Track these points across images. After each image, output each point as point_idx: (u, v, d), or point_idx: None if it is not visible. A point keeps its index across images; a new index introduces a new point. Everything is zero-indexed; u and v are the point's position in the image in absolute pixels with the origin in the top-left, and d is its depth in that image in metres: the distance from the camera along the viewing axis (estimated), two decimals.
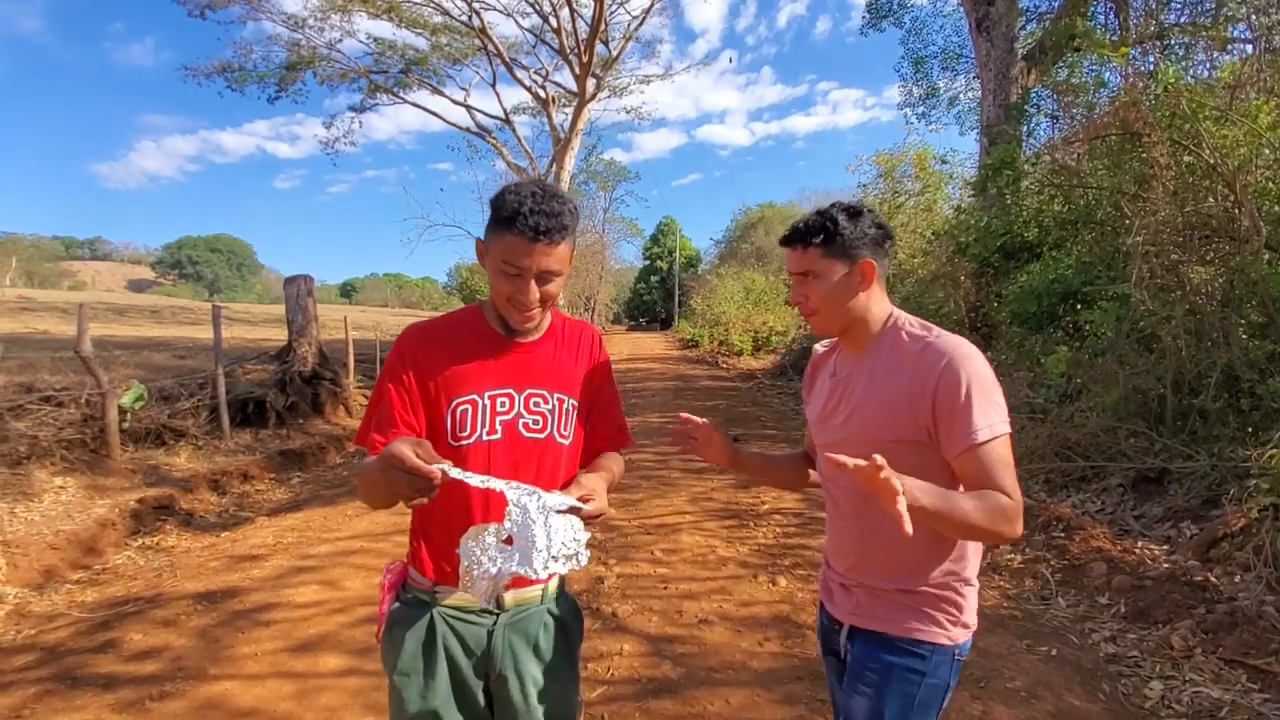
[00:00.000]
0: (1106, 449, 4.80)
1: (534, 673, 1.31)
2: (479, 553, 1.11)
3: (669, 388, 12.71)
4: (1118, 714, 2.48)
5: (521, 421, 1.29)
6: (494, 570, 1.10)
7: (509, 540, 1.10)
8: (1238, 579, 3.24)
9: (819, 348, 1.54)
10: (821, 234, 1.26)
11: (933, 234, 10.95)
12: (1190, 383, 4.62)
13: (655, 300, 53.14)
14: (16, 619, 3.42)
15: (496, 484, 1.10)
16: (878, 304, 1.31)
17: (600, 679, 2.75)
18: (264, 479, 6.33)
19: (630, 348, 25.44)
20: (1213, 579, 3.29)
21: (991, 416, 1.15)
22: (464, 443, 1.26)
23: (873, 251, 1.27)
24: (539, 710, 1.30)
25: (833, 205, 1.29)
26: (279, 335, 11.54)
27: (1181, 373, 4.65)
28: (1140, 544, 3.87)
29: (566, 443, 1.35)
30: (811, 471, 1.56)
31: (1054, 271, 6.67)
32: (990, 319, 8.39)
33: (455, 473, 1.07)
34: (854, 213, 1.27)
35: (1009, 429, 1.17)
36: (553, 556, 1.09)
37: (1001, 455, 1.15)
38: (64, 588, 3.87)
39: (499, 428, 1.27)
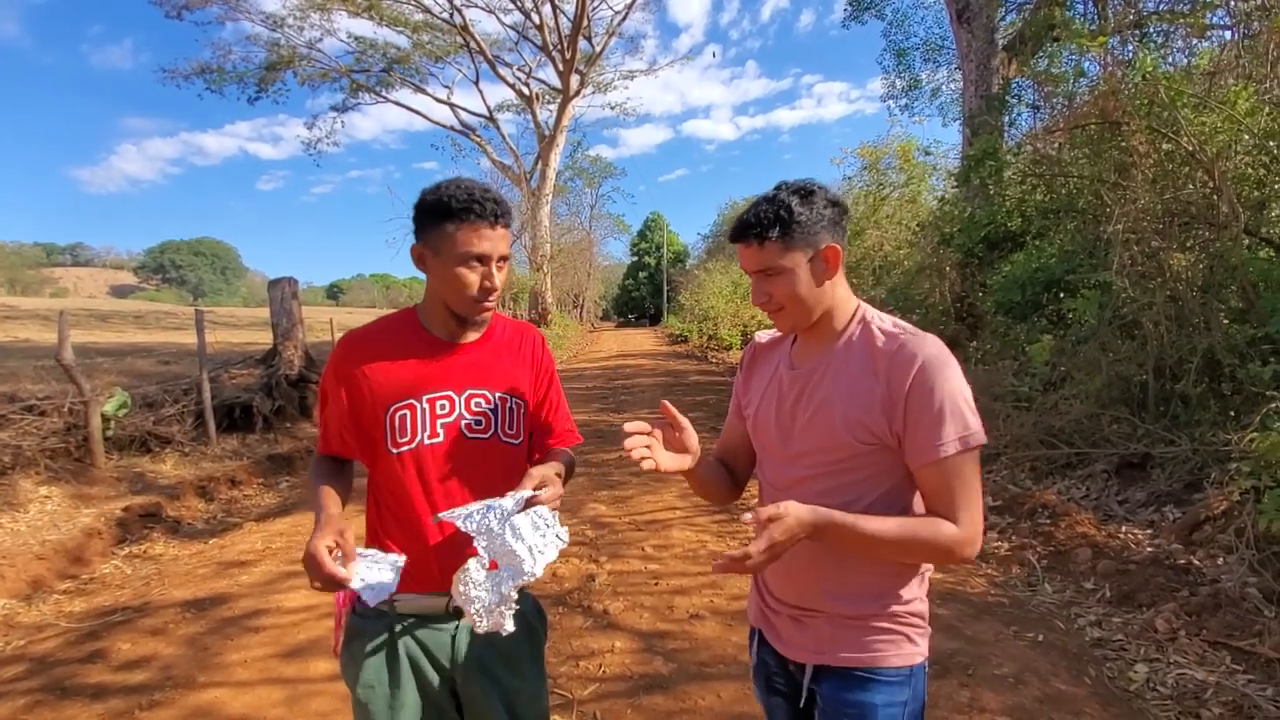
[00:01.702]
0: (1090, 435, 4.86)
1: (500, 673, 1.30)
2: (472, 591, 1.12)
3: (658, 384, 12.73)
4: (1103, 697, 2.51)
5: (464, 423, 1.28)
6: (496, 599, 1.12)
7: (493, 565, 1.12)
8: (1220, 561, 3.29)
9: (761, 337, 1.40)
10: (778, 225, 1.12)
11: (918, 225, 11.01)
12: (1171, 368, 4.67)
13: (644, 296, 53.13)
14: (4, 630, 3.39)
15: (448, 517, 1.13)
16: (844, 291, 1.19)
17: (592, 676, 2.75)
18: (252, 484, 6.28)
19: (619, 344, 25.43)
20: (1196, 562, 3.34)
21: (962, 426, 1.06)
22: (404, 448, 1.25)
23: (833, 233, 1.14)
24: (510, 711, 1.30)
25: (780, 188, 1.15)
26: (265, 339, 11.44)
27: (1163, 358, 4.71)
28: (1124, 529, 3.92)
29: (515, 443, 1.34)
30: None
31: (1037, 260, 6.73)
32: (975, 309, 8.46)
33: (369, 558, 1.19)
34: (806, 194, 1.13)
35: (981, 439, 1.08)
36: (540, 552, 1.12)
37: (961, 472, 1.07)
38: (51, 598, 3.83)
39: (440, 431, 1.27)
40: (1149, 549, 3.60)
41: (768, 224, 1.12)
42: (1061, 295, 6.30)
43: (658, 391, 11.57)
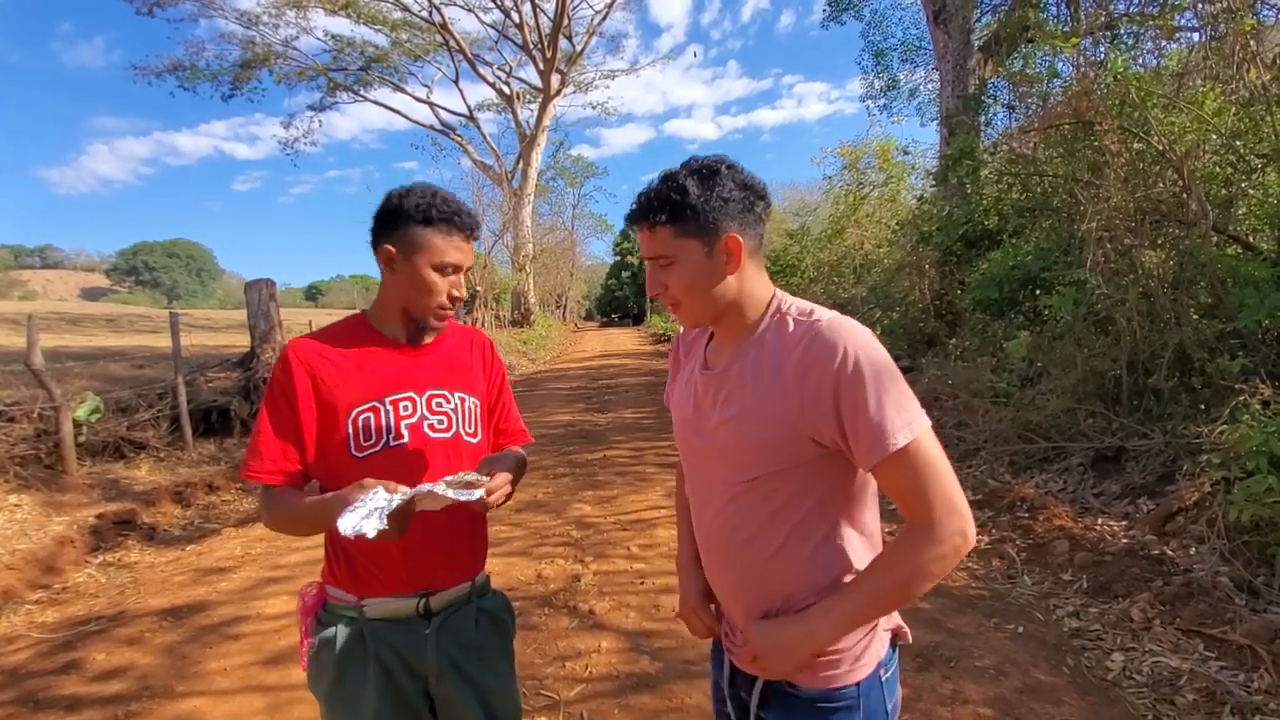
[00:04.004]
0: (1067, 430, 4.94)
1: (474, 672, 1.30)
2: (363, 503, 1.06)
3: (642, 383, 12.73)
4: (1082, 687, 2.56)
5: (426, 423, 1.28)
6: (371, 509, 1.05)
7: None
8: (1193, 551, 3.36)
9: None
10: (669, 209, 1.01)
11: (897, 224, 11.14)
12: (1144, 363, 4.77)
13: (627, 296, 53.07)
14: None
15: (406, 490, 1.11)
16: (754, 284, 1.06)
17: (578, 677, 2.75)
18: (230, 489, 6.18)
19: (602, 344, 25.40)
20: (1169, 552, 3.41)
21: (906, 412, 0.94)
22: (370, 451, 1.24)
23: (738, 222, 1.02)
24: (485, 708, 1.30)
25: (684, 166, 1.04)
26: (242, 341, 11.26)
27: (1136, 354, 4.80)
28: (1100, 521, 3.99)
29: (474, 441, 1.35)
30: None
31: (1014, 258, 6.83)
32: (954, 306, 8.56)
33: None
34: (708, 174, 1.01)
35: (927, 420, 0.97)
36: (442, 489, 1.10)
37: (925, 457, 0.95)
38: (23, 608, 3.75)
39: (404, 432, 1.26)
40: (1124, 540, 3.67)
41: (657, 207, 1.02)
42: (1038, 292, 6.40)
43: (641, 391, 11.58)
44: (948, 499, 0.94)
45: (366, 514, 1.03)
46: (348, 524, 1.01)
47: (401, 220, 1.24)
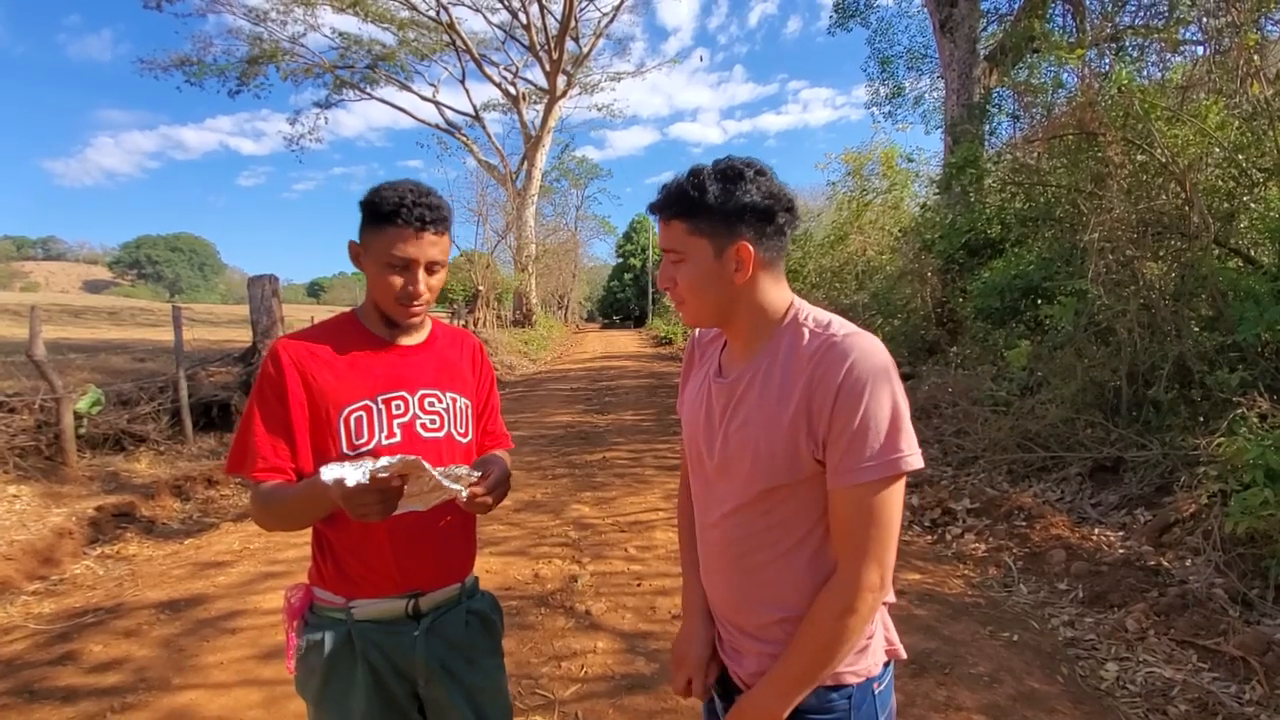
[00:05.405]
0: (1065, 439, 4.95)
1: (463, 672, 1.29)
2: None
3: (643, 385, 12.74)
4: (1075, 695, 2.56)
5: (419, 422, 1.28)
6: (369, 464, 1.03)
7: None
8: (1188, 563, 3.37)
9: (701, 330, 1.22)
10: (684, 205, 0.99)
11: (900, 231, 11.15)
12: (1144, 374, 4.78)
13: (629, 298, 53.06)
14: None
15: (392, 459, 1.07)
16: (768, 293, 1.02)
17: (574, 677, 2.76)
18: (229, 484, 6.18)
19: (603, 346, 25.42)
20: (1165, 563, 3.42)
21: (890, 447, 0.91)
22: (361, 450, 1.24)
23: (754, 230, 0.98)
24: (474, 709, 1.30)
25: (714, 164, 1.01)
26: (243, 336, 11.29)
27: (1136, 365, 4.81)
28: (1097, 531, 4.00)
29: (465, 441, 1.35)
30: None
31: (1016, 267, 6.84)
32: (955, 314, 8.57)
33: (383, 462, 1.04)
34: (732, 177, 0.98)
35: (908, 466, 0.92)
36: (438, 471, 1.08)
37: (877, 506, 0.92)
38: (20, 599, 3.75)
39: (397, 431, 1.26)
40: (1120, 551, 3.68)
41: (674, 201, 1.00)
42: (1039, 301, 6.41)
43: (642, 393, 11.58)
44: (882, 556, 0.94)
45: (353, 467, 1.00)
46: (330, 472, 0.98)
47: (364, 216, 1.25)
